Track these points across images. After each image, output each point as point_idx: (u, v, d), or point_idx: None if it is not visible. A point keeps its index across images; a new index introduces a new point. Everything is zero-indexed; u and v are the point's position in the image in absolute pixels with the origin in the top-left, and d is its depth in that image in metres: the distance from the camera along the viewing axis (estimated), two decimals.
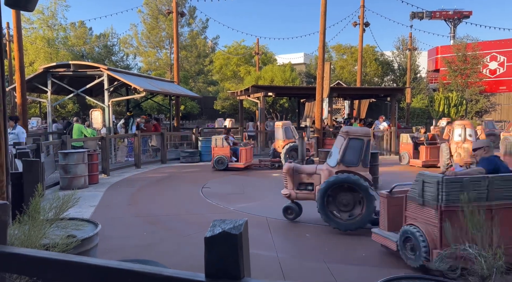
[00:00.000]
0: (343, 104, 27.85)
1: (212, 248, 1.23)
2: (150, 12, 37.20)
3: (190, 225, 5.83)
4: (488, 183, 3.53)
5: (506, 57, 34.04)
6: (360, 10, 22.31)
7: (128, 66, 37.83)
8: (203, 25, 40.01)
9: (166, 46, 39.22)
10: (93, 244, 2.88)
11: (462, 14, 47.36)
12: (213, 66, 37.74)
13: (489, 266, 2.05)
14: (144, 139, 13.28)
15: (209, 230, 1.21)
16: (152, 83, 14.78)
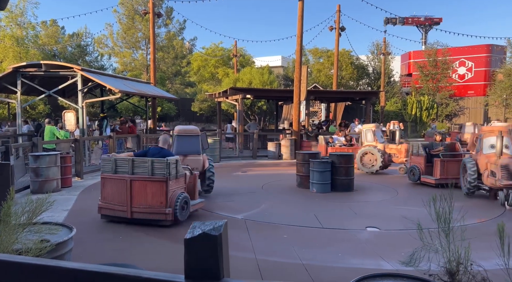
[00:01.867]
0: (320, 107, 28.29)
1: (192, 249, 1.24)
2: (126, 12, 36.51)
3: (169, 228, 5.76)
4: None
5: (474, 62, 35.59)
6: (336, 15, 22.77)
7: (103, 66, 36.90)
8: (180, 26, 39.65)
9: (143, 47, 38.58)
10: (67, 249, 2.81)
11: (432, 21, 49.15)
12: (190, 68, 37.44)
13: (457, 261, 2.16)
14: (119, 141, 13.01)
15: (189, 232, 1.22)
16: (128, 84, 14.52)
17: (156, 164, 5.63)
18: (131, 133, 14.42)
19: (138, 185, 5.67)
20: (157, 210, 5.62)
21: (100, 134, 14.66)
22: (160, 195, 5.59)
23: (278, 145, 15.59)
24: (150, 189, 5.64)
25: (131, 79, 17.15)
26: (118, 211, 5.76)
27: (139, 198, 5.66)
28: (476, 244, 4.57)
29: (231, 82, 26.56)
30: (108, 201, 5.86)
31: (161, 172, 5.58)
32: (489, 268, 2.78)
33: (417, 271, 2.44)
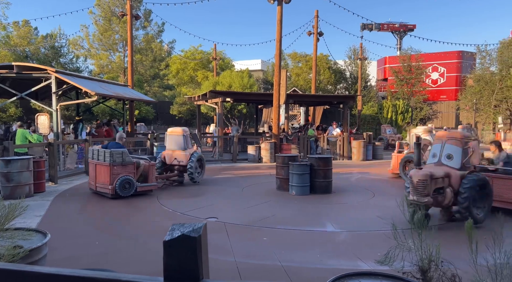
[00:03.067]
0: (299, 110, 28.59)
1: (171, 251, 1.24)
2: (103, 13, 35.79)
3: (147, 233, 5.68)
4: None
5: (446, 68, 36.97)
6: (314, 20, 23.14)
7: (78, 68, 35.99)
8: (159, 28, 39.21)
9: (120, 49, 37.90)
10: (41, 255, 2.73)
11: (407, 27, 50.75)
12: (169, 71, 37.08)
13: (428, 259, 2.25)
14: (96, 145, 12.72)
15: (168, 234, 1.22)
16: (105, 87, 14.23)
17: (107, 154, 8.00)
18: (107, 137, 14.12)
19: (98, 168, 8.26)
20: (105, 186, 8.01)
21: (76, 138, 14.28)
22: (106, 176, 7.99)
23: (258, 148, 15.64)
24: (103, 171, 8.09)
25: (108, 82, 16.82)
26: (92, 185, 8.49)
27: (99, 177, 8.23)
28: (447, 242, 4.75)
29: (210, 85, 26.48)
30: (90, 179, 8.61)
31: (108, 159, 7.96)
32: (459, 266, 2.90)
33: (392, 269, 2.52)
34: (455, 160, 6.11)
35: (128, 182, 8.04)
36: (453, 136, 6.31)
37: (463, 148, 6.09)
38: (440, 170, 6.03)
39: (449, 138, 6.31)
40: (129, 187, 8.05)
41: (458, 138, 6.23)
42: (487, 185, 6.09)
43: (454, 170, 6.03)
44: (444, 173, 5.98)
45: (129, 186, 8.05)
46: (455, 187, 5.97)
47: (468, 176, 5.96)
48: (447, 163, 6.16)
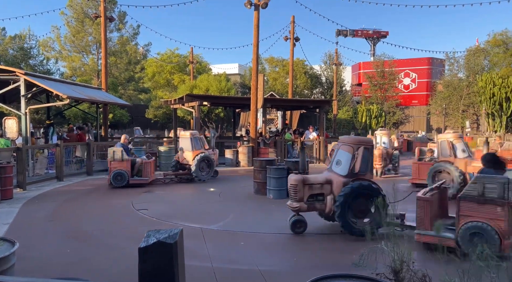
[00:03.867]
0: (277, 114, 28.81)
1: (147, 258, 1.23)
2: (75, 15, 34.87)
3: (121, 240, 5.55)
4: None
5: (417, 74, 38.31)
6: (291, 26, 23.44)
7: (49, 71, 34.81)
8: (134, 31, 38.60)
9: (93, 51, 36.99)
10: (9, 264, 2.62)
11: (380, 34, 52.32)
12: (144, 74, 36.50)
13: (400, 260, 2.32)
14: (67, 150, 12.32)
15: (143, 241, 1.21)
16: (77, 90, 13.84)
17: (109, 151, 10.03)
18: (80, 141, 13.72)
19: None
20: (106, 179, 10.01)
21: (46, 142, 13.78)
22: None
23: (235, 152, 15.62)
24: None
25: (80, 85, 16.37)
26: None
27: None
28: (418, 244, 4.91)
29: (187, 89, 26.25)
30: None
31: (108, 156, 10.02)
32: (430, 266, 3.01)
33: (366, 271, 2.58)
34: (343, 166, 5.69)
35: (120, 175, 9.72)
36: (345, 141, 5.89)
37: (353, 154, 5.61)
38: (321, 176, 5.84)
39: (342, 143, 5.91)
40: (120, 179, 9.73)
41: (349, 143, 5.79)
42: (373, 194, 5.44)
43: (339, 176, 5.63)
44: (324, 179, 5.74)
45: (120, 178, 9.73)
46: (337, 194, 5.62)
47: (350, 184, 5.52)
48: (335, 169, 5.79)
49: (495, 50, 31.86)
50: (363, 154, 5.57)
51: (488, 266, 2.13)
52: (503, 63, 31.44)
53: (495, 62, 31.95)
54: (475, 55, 32.02)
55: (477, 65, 31.61)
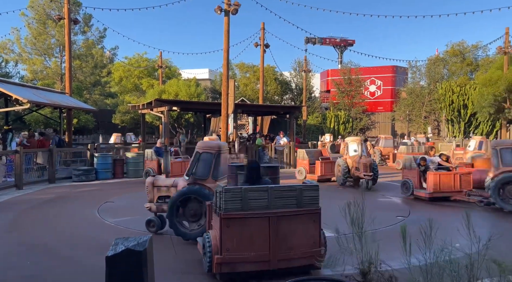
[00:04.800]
0: (247, 120, 28.89)
1: (114, 267, 1.18)
2: (37, 16, 33.39)
3: (85, 250, 5.31)
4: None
5: (382, 81, 39.75)
6: (261, 32, 23.68)
7: (8, 74, 33.07)
8: (100, 34, 37.46)
9: (56, 54, 35.52)
10: None
11: (347, 42, 53.94)
12: (111, 78, 35.47)
13: (368, 262, 2.38)
14: (27, 156, 11.71)
15: (111, 249, 1.16)
16: (39, 94, 13.23)
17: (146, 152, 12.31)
18: (41, 147, 13.08)
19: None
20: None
21: (4, 149, 13.03)
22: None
23: None
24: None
25: (42, 89, 15.67)
26: None
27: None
28: (385, 246, 5.05)
29: (156, 94, 25.78)
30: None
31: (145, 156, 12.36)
32: (396, 267, 3.10)
33: (336, 273, 2.62)
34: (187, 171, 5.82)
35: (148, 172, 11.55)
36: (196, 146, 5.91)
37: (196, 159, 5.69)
38: (170, 180, 6.10)
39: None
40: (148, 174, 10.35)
41: (196, 148, 5.81)
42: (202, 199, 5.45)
43: (184, 181, 5.73)
44: (172, 182, 5.99)
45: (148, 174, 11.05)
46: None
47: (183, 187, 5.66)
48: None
49: (453, 59, 33.70)
50: (204, 159, 5.62)
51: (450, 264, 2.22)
52: (460, 72, 33.32)
53: (453, 71, 33.81)
54: (435, 64, 33.72)
55: (437, 74, 33.29)
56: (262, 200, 4.03)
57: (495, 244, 2.56)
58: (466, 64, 33.47)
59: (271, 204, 4.04)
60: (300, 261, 4.11)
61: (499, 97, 21.21)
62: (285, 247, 4.05)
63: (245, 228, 3.95)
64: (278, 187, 4.23)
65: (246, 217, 3.95)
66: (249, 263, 3.95)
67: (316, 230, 4.24)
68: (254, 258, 3.94)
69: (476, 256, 2.43)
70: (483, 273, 2.43)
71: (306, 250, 4.09)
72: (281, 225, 4.06)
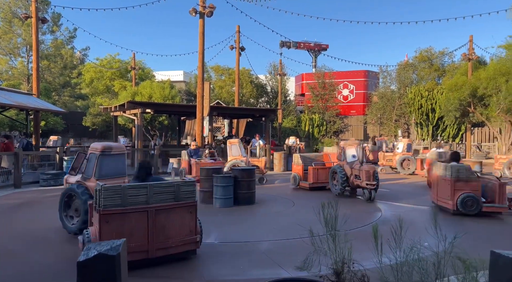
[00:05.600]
0: (223, 122, 28.80)
1: (87, 272, 1.15)
2: (2, 14, 31.97)
3: (52, 257, 5.10)
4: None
5: (355, 85, 40.72)
6: (236, 35, 23.72)
7: None
8: (70, 34, 36.32)
9: (23, 54, 34.12)
10: None
11: (321, 47, 54.93)
12: (82, 79, 34.41)
13: (342, 262, 2.43)
14: None
15: (83, 254, 1.13)
16: (3, 95, 12.65)
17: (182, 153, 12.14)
18: (6, 151, 12.49)
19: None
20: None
21: None
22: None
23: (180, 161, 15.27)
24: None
25: (7, 90, 15.00)
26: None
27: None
28: (358, 246, 5.16)
29: (129, 96, 25.26)
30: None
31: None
32: (368, 266, 3.18)
33: (310, 274, 2.66)
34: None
35: (182, 171, 12.22)
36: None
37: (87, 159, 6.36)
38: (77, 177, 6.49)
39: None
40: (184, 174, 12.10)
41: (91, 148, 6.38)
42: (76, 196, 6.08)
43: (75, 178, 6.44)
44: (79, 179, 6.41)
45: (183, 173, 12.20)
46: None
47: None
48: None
49: (421, 65, 35.03)
50: (90, 159, 6.22)
51: (419, 262, 2.30)
52: (428, 77, 34.68)
53: (422, 76, 35.14)
54: (405, 69, 34.94)
55: (406, 79, 34.49)
56: (142, 196, 4.50)
57: (460, 242, 2.68)
58: (433, 70, 34.88)
59: (150, 199, 4.53)
60: (178, 248, 4.71)
61: (464, 101, 22.23)
62: (163, 237, 4.59)
63: (125, 222, 4.34)
64: (157, 184, 4.70)
65: (125, 213, 4.34)
66: (131, 254, 4.25)
67: (192, 220, 4.86)
68: (133, 249, 4.32)
69: (443, 254, 2.53)
70: (449, 270, 2.54)
71: (183, 239, 4.73)
72: (159, 217, 4.58)
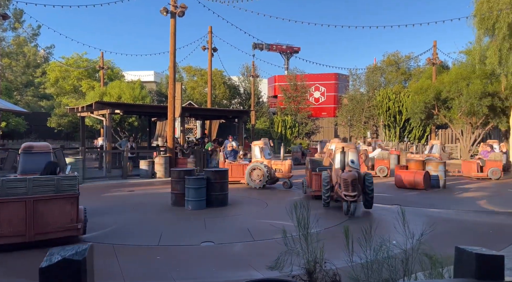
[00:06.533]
0: (195, 124, 28.48)
1: (49, 279, 1.08)
2: None
3: (13, 269, 4.84)
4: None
5: (326, 88, 41.52)
6: (209, 36, 23.56)
7: None
8: (33, 31, 34.70)
9: None
10: None
11: (293, 49, 55.62)
12: (46, 78, 32.96)
13: (314, 261, 2.45)
14: None
15: (45, 260, 1.07)
16: None
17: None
18: None
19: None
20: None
21: None
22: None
23: (151, 163, 14.96)
24: None
25: None
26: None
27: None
28: (330, 246, 5.25)
29: (97, 96, 24.47)
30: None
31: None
32: (340, 265, 3.23)
33: (282, 274, 2.66)
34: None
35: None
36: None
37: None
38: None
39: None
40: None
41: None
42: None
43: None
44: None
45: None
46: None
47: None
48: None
49: (389, 68, 36.26)
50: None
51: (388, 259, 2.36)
52: (395, 80, 35.93)
53: (390, 79, 36.36)
54: (373, 72, 36.02)
55: (375, 82, 35.57)
56: (21, 188, 5.34)
57: (427, 239, 2.77)
58: (400, 73, 36.18)
59: (30, 191, 5.36)
60: (57, 234, 5.50)
61: (429, 104, 23.19)
62: (42, 224, 5.35)
63: (3, 211, 5.21)
64: (38, 177, 5.53)
65: (3, 202, 5.23)
66: (6, 237, 5.20)
67: (73, 210, 5.59)
68: (11, 233, 5.19)
69: (410, 251, 2.62)
70: (417, 267, 2.63)
71: (63, 226, 5.51)
72: (38, 207, 5.37)
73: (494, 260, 1.32)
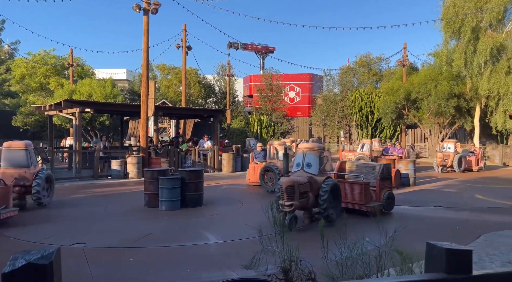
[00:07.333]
0: (169, 123, 28.02)
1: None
2: None
3: None
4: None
5: (301, 88, 41.97)
6: (183, 34, 23.24)
7: None
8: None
9: None
10: None
11: (268, 49, 55.84)
12: (11, 75, 31.45)
13: (289, 260, 2.46)
14: None
15: (9, 264, 1.00)
16: None
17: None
18: None
19: None
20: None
21: None
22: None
23: (123, 163, 14.58)
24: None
25: None
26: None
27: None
28: (306, 244, 5.30)
29: (66, 94, 23.61)
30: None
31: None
32: (316, 263, 3.26)
33: (258, 273, 2.65)
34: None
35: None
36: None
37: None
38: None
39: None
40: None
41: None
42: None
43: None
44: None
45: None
46: None
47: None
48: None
49: (361, 69, 37.13)
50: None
51: (362, 256, 2.40)
52: (368, 81, 36.83)
53: (362, 80, 37.23)
54: (346, 73, 36.77)
55: (348, 82, 36.31)
56: None
57: (399, 236, 2.84)
58: (372, 74, 37.12)
59: None
60: None
61: (399, 104, 23.93)
62: None
63: None
64: None
65: None
66: None
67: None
68: None
69: (384, 248, 2.67)
70: (389, 263, 2.69)
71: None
72: None
73: (463, 254, 1.36)
